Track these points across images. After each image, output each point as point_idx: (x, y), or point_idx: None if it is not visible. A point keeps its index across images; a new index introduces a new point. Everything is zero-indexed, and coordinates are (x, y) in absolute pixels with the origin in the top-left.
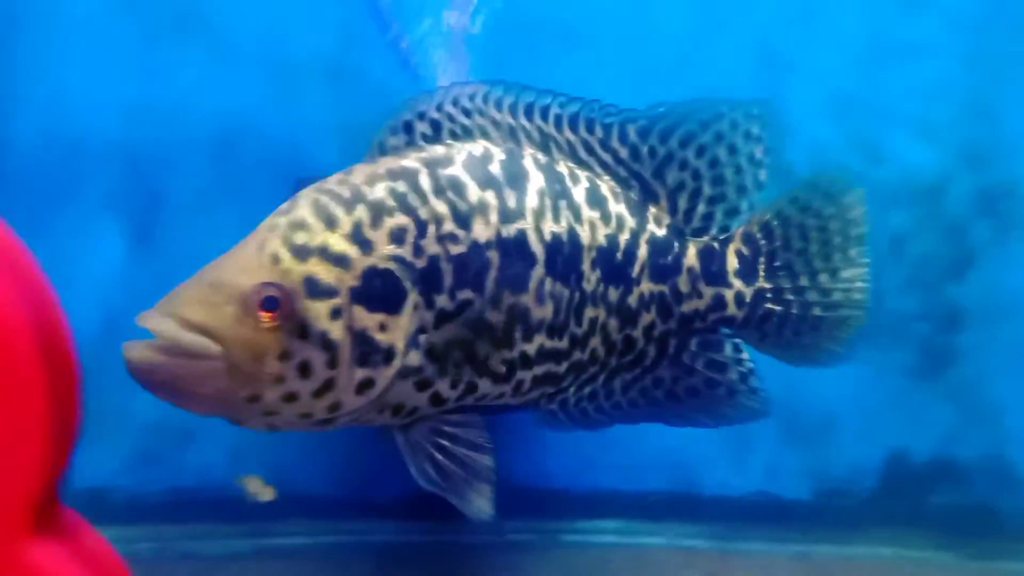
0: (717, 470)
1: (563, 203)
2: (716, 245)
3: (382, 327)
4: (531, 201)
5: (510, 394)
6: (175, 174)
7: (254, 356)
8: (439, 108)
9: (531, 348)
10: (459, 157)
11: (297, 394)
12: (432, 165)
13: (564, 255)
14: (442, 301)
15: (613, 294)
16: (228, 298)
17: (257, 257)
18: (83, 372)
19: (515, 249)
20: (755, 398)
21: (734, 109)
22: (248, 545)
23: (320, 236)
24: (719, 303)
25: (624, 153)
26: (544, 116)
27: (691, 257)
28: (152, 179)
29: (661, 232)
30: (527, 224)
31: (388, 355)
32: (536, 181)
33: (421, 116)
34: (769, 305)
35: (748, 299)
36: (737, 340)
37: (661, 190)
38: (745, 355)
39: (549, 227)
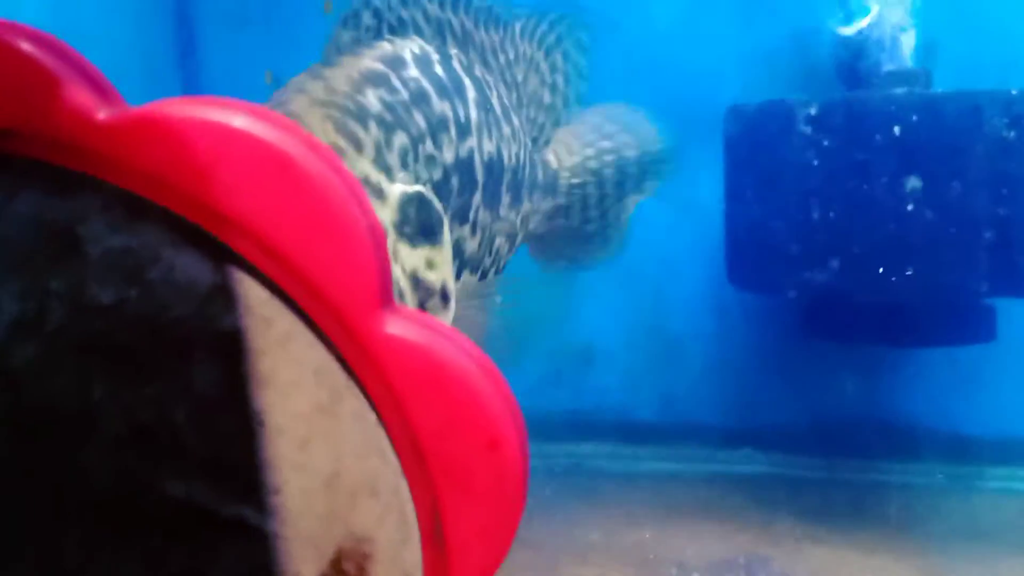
0: None
1: (491, 117)
2: (548, 156)
3: (429, 264)
4: (472, 114)
5: None
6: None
7: None
8: None
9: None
10: (408, 57)
11: None
12: (395, 67)
13: (494, 178)
14: None
15: (512, 217)
16: None
17: None
18: None
19: (466, 173)
20: None
21: (575, 13)
22: (645, 467)
23: (357, 164)
24: (548, 216)
25: (512, 55)
26: (467, 9)
27: (542, 171)
28: None
29: (529, 145)
30: (473, 143)
31: (444, 296)
32: (470, 90)
33: (367, 3)
34: (561, 220)
35: (550, 214)
36: None
37: (524, 98)
38: None
39: (487, 146)
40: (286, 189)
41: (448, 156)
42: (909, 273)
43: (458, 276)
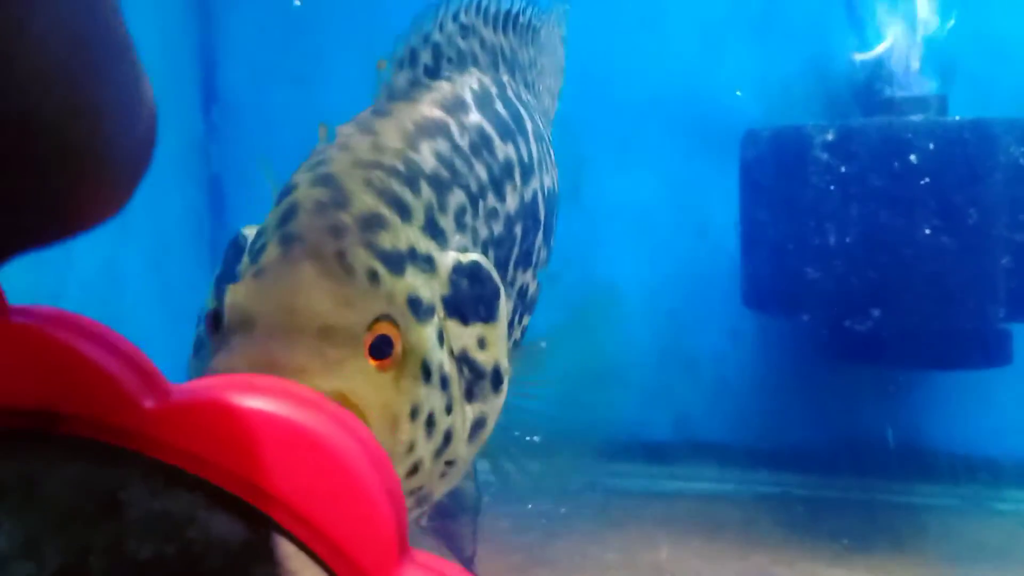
0: None
1: (544, 146)
2: None
3: (481, 343)
4: (533, 149)
5: None
6: (601, 135)
7: (391, 424)
8: (441, 28)
9: (518, 332)
10: (469, 98)
11: (420, 463)
12: (455, 112)
13: (549, 211)
14: None
15: (551, 242)
16: (349, 349)
17: (349, 278)
18: None
19: (530, 217)
20: None
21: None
22: (666, 486)
23: (403, 233)
24: None
25: (540, 65)
26: (515, 27)
27: None
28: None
29: None
30: (536, 183)
31: (496, 379)
32: (527, 121)
33: (426, 40)
34: None
35: None
36: None
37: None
38: None
39: (546, 180)
40: (315, 464)
41: (512, 205)
42: (924, 298)
43: (520, 319)
